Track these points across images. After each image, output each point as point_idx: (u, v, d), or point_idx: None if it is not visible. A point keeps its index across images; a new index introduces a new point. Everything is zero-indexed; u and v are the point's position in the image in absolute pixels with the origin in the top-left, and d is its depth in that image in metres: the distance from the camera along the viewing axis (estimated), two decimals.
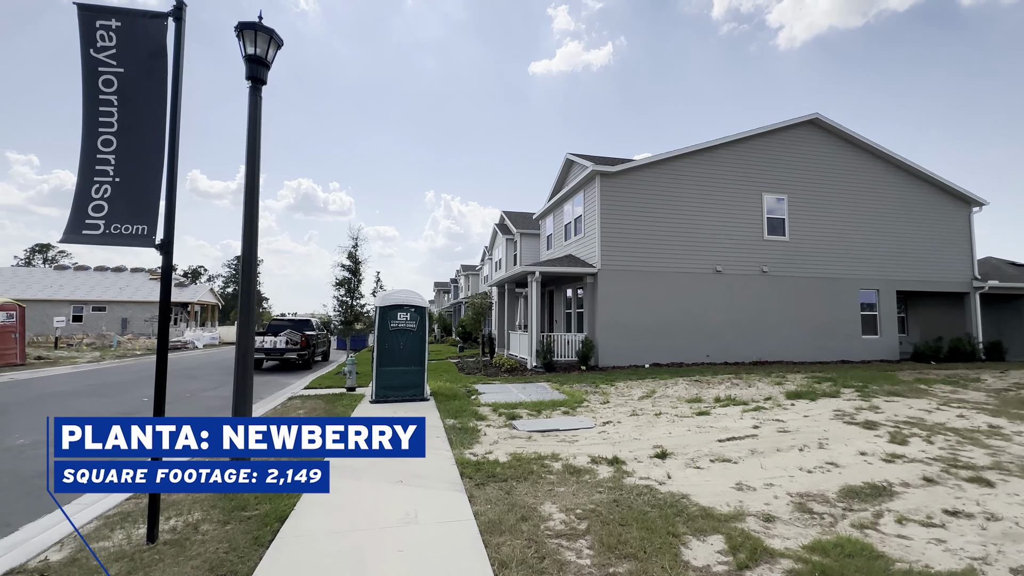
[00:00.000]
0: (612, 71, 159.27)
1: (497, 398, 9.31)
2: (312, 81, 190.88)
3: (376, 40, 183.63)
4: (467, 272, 39.56)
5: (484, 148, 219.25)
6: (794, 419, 6.69)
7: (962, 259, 17.88)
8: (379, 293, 9.13)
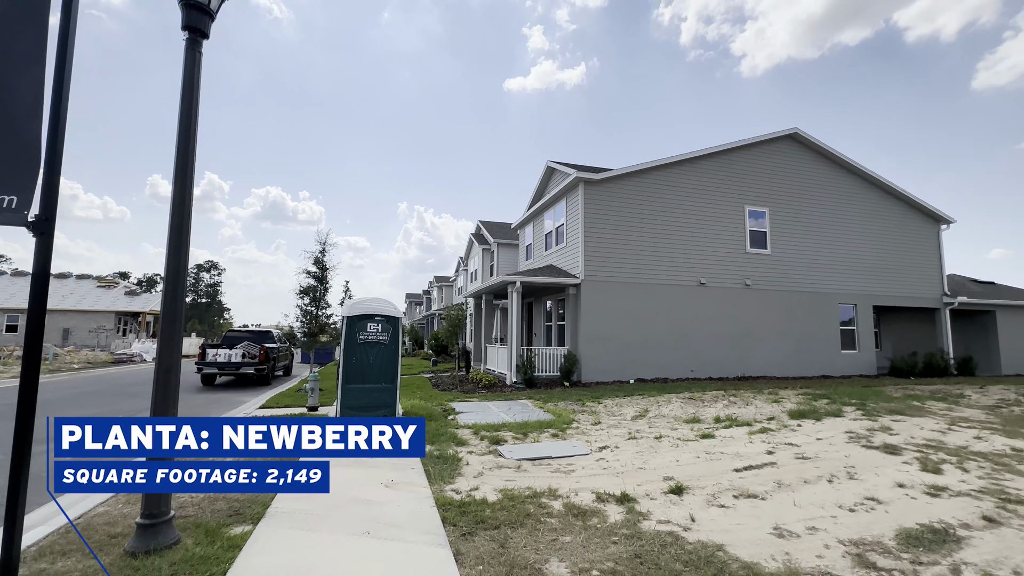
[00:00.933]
0: (585, 90, 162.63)
1: (477, 418, 8.44)
2: (285, 89, 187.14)
3: (352, 50, 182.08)
4: (440, 283, 38.52)
5: (459, 161, 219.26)
6: (808, 443, 6.10)
7: (932, 275, 18.19)
8: (347, 302, 8.18)
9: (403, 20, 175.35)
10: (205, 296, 76.98)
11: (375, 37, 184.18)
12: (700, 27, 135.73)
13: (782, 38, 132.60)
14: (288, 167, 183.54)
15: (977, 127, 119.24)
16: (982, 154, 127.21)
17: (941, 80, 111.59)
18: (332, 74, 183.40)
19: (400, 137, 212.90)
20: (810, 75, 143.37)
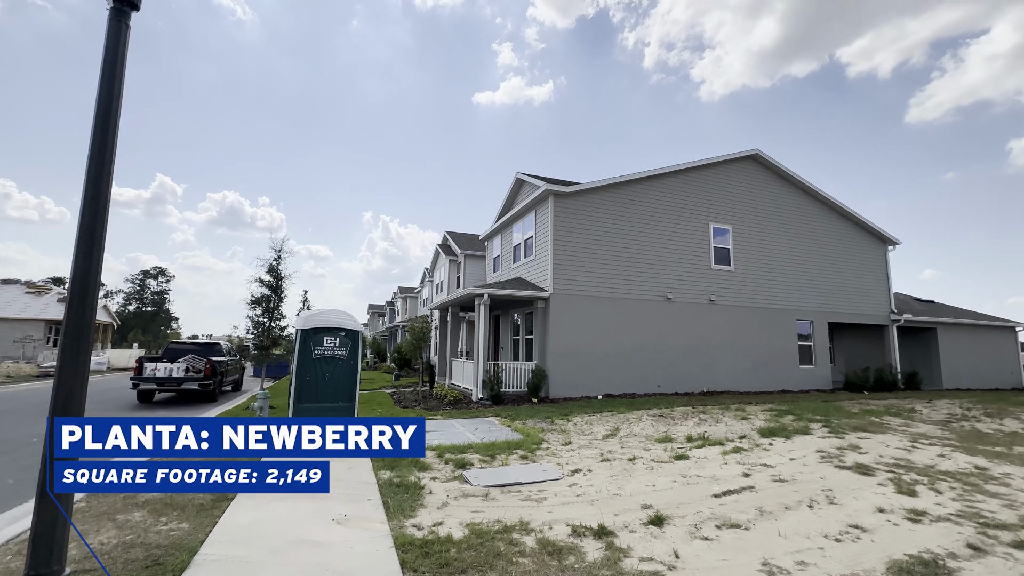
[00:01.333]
0: (553, 107, 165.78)
1: (441, 438, 7.95)
2: (246, 92, 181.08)
3: (318, 57, 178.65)
4: (405, 295, 37.61)
5: (426, 172, 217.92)
6: (782, 463, 5.99)
7: (880, 294, 19.07)
8: (302, 313, 7.59)
9: (372, 30, 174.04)
10: (151, 304, 72.44)
11: (343, 45, 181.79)
12: (662, 53, 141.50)
13: (737, 67, 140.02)
14: (247, 172, 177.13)
15: (910, 157, 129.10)
16: (915, 182, 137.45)
17: (878, 113, 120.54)
18: (297, 79, 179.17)
19: (366, 146, 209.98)
20: (763, 103, 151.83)
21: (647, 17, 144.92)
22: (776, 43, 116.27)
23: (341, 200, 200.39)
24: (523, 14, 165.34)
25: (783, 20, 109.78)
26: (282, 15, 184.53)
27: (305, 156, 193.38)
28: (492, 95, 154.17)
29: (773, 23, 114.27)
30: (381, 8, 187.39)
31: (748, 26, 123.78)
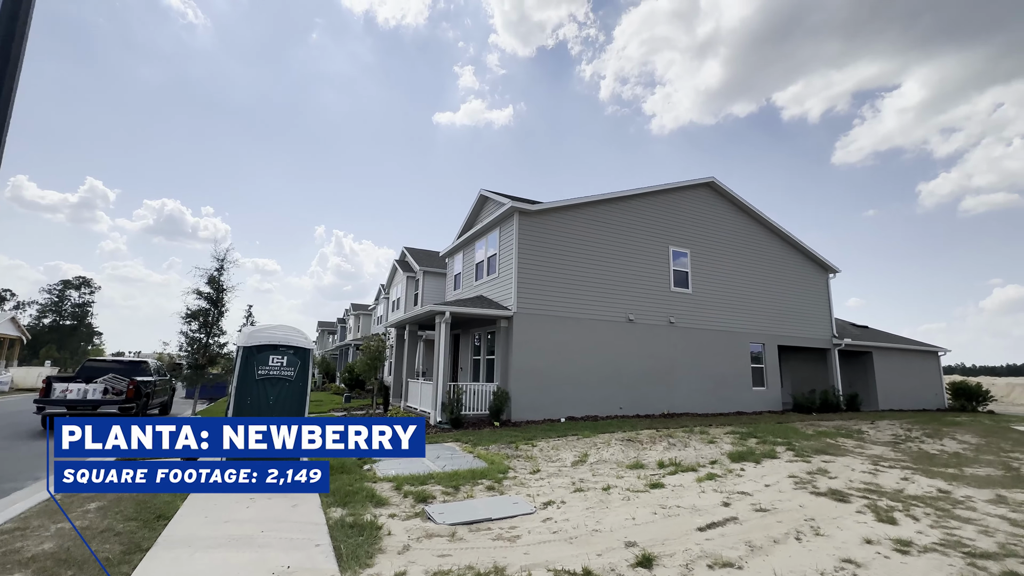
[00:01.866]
0: (513, 131, 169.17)
1: (399, 468, 7.29)
2: (195, 97, 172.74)
3: (275, 66, 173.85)
4: (358, 312, 36.13)
5: (384, 188, 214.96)
6: (759, 490, 5.82)
7: (823, 319, 20.07)
8: (245, 329, 6.81)
9: (333, 43, 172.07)
10: (71, 318, 65.96)
11: (301, 56, 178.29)
12: (617, 86, 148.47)
13: (686, 104, 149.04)
14: (191, 179, 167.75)
15: (837, 195, 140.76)
16: (842, 217, 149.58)
17: (809, 153, 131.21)
18: (250, 87, 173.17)
19: (322, 159, 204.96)
20: (708, 138, 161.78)
21: (603, 52, 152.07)
22: (720, 84, 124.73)
23: (292, 213, 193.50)
24: (485, 40, 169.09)
25: (726, 64, 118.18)
26: (238, 22, 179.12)
27: (256, 166, 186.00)
28: (453, 116, 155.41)
29: (718, 66, 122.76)
30: (342, 23, 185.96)
31: (695, 67, 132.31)
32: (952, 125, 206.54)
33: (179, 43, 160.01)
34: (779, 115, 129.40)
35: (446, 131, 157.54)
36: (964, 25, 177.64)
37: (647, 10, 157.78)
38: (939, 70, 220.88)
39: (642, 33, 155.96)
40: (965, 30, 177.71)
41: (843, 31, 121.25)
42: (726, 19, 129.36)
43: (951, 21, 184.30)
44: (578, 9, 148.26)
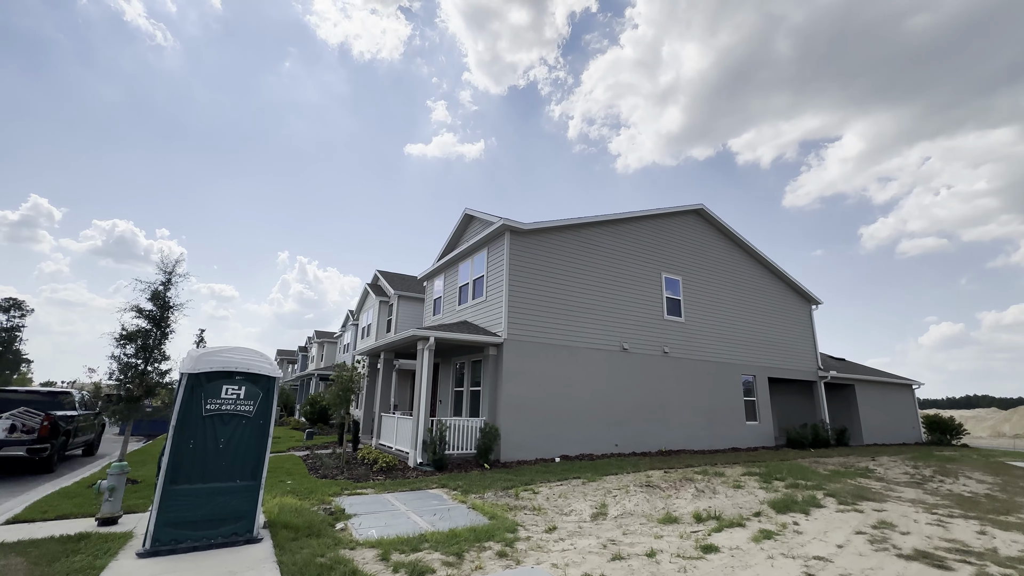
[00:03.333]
0: (484, 165, 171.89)
1: (382, 526, 5.89)
2: (156, 118, 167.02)
3: (243, 92, 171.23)
4: (323, 339, 33.91)
5: (352, 216, 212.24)
6: (833, 553, 4.80)
7: (808, 350, 19.80)
8: (191, 352, 5.40)
9: (305, 72, 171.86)
10: None
11: (271, 83, 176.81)
12: (584, 126, 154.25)
13: (648, 146, 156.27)
14: (146, 201, 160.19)
15: (788, 235, 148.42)
16: (793, 256, 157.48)
17: (762, 196, 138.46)
18: (216, 111, 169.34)
19: (288, 185, 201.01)
20: (669, 179, 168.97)
21: (571, 94, 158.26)
22: (680, 129, 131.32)
23: (254, 238, 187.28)
24: (459, 77, 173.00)
25: (686, 110, 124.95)
26: (208, 46, 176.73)
27: (218, 190, 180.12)
28: (424, 147, 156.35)
29: (678, 112, 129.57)
30: (316, 54, 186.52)
31: (657, 112, 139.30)
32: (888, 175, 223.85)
33: (144, 64, 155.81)
34: (734, 160, 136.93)
35: (417, 162, 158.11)
36: (893, 87, 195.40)
37: (613, 58, 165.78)
38: (874, 125, 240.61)
39: (608, 79, 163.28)
40: (894, 91, 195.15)
41: (790, 86, 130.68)
42: (685, 70, 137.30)
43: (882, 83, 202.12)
44: (548, 53, 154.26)
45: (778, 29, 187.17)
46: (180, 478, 4.90)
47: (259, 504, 5.27)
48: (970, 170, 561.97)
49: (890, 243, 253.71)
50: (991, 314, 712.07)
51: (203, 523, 4.90)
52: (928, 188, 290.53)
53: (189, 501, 4.88)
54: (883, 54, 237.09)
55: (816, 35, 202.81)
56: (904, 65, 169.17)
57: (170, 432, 4.97)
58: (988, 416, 57.21)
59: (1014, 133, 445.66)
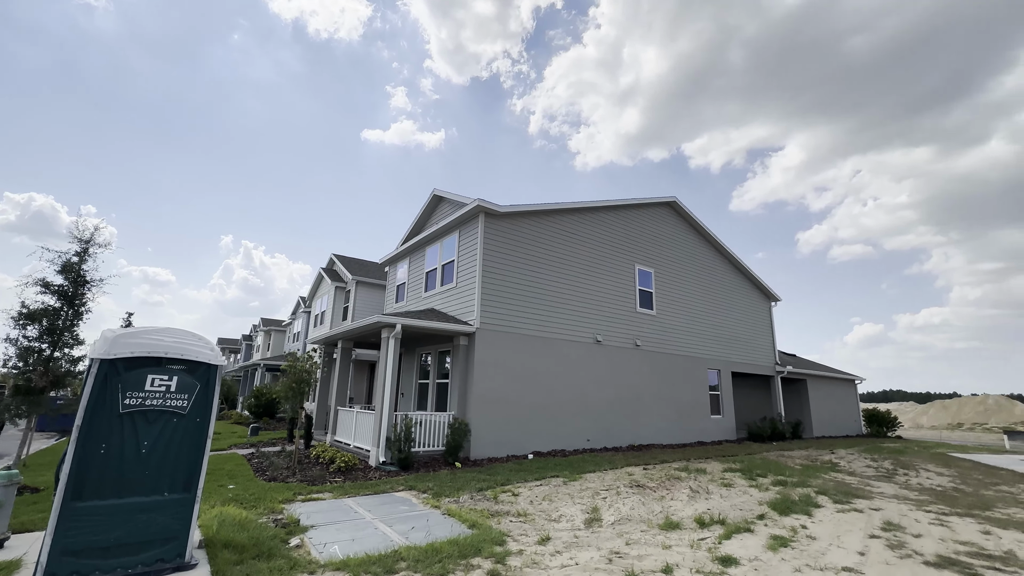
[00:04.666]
0: (443, 155, 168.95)
1: (349, 545, 5.00)
2: (89, 86, 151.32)
3: (188, 63, 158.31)
4: (269, 327, 31.71)
5: (303, 202, 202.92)
6: (860, 563, 4.41)
7: (767, 346, 20.26)
8: (106, 332, 4.27)
9: (256, 47, 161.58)
10: None
11: (219, 56, 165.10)
12: (545, 122, 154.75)
13: (607, 145, 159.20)
14: (70, 174, 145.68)
15: (734, 238, 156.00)
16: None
17: (711, 199, 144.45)
18: (155, 82, 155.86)
19: (235, 166, 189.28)
20: (626, 179, 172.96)
21: (534, 89, 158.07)
22: (638, 130, 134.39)
23: (195, 220, 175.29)
24: (420, 64, 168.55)
25: (644, 113, 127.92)
26: (145, 9, 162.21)
27: (155, 166, 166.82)
28: (382, 134, 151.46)
29: (637, 114, 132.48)
30: (269, 28, 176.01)
31: (617, 112, 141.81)
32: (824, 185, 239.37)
33: (72, 26, 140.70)
34: (687, 163, 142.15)
35: (375, 148, 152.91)
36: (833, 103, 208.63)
37: (575, 55, 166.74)
38: (814, 137, 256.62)
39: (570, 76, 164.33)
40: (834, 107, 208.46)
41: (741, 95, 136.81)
42: (645, 73, 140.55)
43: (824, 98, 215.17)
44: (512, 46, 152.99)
45: (733, 39, 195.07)
46: (87, 492, 3.82)
47: (194, 521, 4.26)
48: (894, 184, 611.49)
49: (823, 248, 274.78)
50: (906, 316, 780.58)
51: (117, 549, 3.85)
52: (858, 199, 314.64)
53: (98, 521, 3.82)
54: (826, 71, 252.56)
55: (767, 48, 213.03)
56: (844, 82, 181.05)
57: (74, 434, 3.87)
58: (908, 410, 62.36)
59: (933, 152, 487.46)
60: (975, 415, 49.60)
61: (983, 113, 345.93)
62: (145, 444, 4.08)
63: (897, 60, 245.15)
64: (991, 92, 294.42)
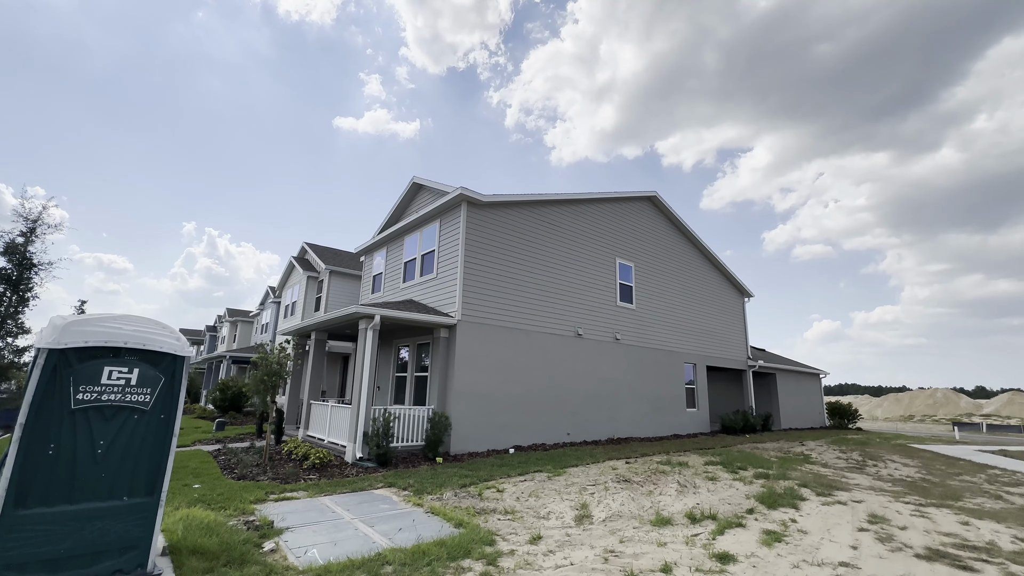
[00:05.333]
0: (418, 146, 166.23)
1: (330, 548, 4.69)
2: (34, 58, 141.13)
3: (146, 39, 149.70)
4: (236, 318, 30.51)
5: (272, 190, 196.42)
6: (856, 558, 4.40)
7: (740, 340, 20.69)
8: (54, 319, 3.80)
9: (221, 26, 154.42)
10: None
11: (180, 33, 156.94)
12: (521, 116, 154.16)
13: (583, 141, 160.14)
14: (16, 153, 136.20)
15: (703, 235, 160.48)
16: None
17: (682, 197, 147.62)
18: (111, 58, 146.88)
19: (198, 149, 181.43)
20: (600, 175, 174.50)
21: (511, 82, 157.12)
22: (613, 127, 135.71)
23: (154, 206, 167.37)
24: (395, 52, 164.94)
25: (619, 110, 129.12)
26: None
27: (111, 147, 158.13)
28: (355, 122, 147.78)
29: (612, 110, 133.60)
30: (235, 7, 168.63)
31: (593, 108, 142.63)
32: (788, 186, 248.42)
33: None
34: (660, 161, 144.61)
35: (347, 137, 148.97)
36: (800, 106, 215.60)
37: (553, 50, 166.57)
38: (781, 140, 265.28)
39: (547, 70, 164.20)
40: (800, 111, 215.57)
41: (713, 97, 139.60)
42: (621, 70, 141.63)
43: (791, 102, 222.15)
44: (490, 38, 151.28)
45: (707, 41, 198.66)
46: (32, 499, 3.40)
47: (157, 526, 3.88)
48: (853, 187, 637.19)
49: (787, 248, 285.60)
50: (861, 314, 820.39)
51: (68, 561, 3.45)
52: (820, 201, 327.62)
53: (45, 531, 3.40)
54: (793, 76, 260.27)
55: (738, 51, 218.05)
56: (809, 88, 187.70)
57: (16, 433, 3.43)
58: (864, 402, 65.51)
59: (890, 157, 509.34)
60: (925, 407, 52.46)
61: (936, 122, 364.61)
62: (101, 444, 3.66)
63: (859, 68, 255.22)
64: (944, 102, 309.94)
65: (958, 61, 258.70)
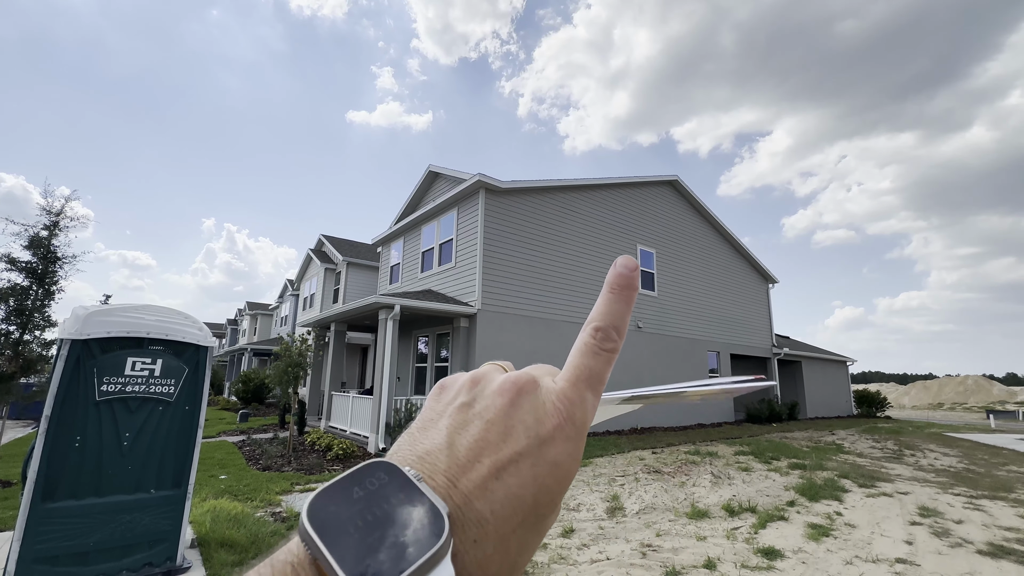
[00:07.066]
0: (431, 137, 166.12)
1: None
2: (60, 62, 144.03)
3: (163, 40, 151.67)
4: (255, 311, 30.92)
5: (288, 184, 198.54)
6: (913, 554, 4.15)
7: (765, 327, 20.18)
8: (77, 310, 3.71)
9: (236, 24, 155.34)
10: None
11: (197, 32, 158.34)
12: (534, 105, 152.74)
13: (597, 129, 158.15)
14: (43, 154, 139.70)
15: (725, 222, 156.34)
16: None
17: (699, 183, 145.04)
18: (130, 58, 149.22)
19: (216, 146, 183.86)
20: (615, 163, 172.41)
21: (523, 71, 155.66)
22: (628, 114, 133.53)
23: (175, 202, 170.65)
24: (407, 44, 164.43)
25: (634, 96, 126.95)
26: None
27: (133, 146, 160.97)
28: (368, 115, 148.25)
29: (627, 97, 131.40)
30: (249, 4, 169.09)
31: (607, 96, 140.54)
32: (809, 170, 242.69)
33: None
34: (676, 148, 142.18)
35: (360, 130, 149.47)
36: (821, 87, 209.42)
37: (565, 36, 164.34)
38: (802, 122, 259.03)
39: (560, 58, 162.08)
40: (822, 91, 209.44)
41: (731, 79, 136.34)
42: (636, 56, 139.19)
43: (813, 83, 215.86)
44: (502, 27, 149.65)
45: (724, 22, 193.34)
46: (60, 492, 3.34)
47: (185, 519, 3.81)
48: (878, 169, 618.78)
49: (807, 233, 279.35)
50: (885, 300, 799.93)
51: (98, 554, 3.39)
52: (842, 184, 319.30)
53: (75, 524, 3.34)
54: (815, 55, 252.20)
55: (757, 31, 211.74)
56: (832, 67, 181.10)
57: (43, 425, 3.37)
58: (891, 390, 63.89)
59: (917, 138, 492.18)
60: (955, 395, 50.95)
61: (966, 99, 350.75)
62: (127, 436, 3.59)
63: (884, 45, 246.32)
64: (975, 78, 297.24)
65: (991, 33, 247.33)
